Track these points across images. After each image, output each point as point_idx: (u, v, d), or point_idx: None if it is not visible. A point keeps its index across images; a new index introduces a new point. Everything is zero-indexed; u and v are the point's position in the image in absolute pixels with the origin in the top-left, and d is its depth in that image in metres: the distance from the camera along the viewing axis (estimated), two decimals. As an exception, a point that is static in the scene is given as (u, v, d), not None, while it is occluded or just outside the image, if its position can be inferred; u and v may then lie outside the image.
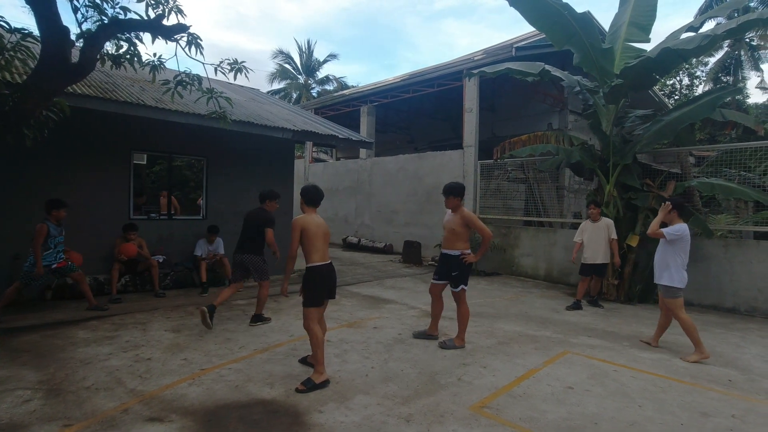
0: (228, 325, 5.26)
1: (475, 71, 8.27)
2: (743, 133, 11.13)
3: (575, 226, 9.08)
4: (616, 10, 7.81)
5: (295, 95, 30.78)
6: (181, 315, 5.63)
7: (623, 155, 7.24)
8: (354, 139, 9.20)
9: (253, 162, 8.35)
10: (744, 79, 21.44)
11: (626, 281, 7.18)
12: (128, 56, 4.27)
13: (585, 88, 7.57)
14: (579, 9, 6.48)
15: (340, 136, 8.75)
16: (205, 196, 7.86)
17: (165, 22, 4.10)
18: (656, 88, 14.69)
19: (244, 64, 4.62)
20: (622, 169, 7.26)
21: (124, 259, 6.39)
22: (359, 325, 5.37)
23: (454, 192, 4.56)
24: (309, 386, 3.48)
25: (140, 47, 4.37)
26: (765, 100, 24.05)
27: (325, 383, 3.55)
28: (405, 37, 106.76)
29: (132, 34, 4.17)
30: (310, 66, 31.46)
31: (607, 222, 6.59)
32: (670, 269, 4.56)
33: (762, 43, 19.74)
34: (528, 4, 6.58)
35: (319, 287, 3.75)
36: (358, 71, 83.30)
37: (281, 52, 31.12)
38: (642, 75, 6.67)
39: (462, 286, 4.58)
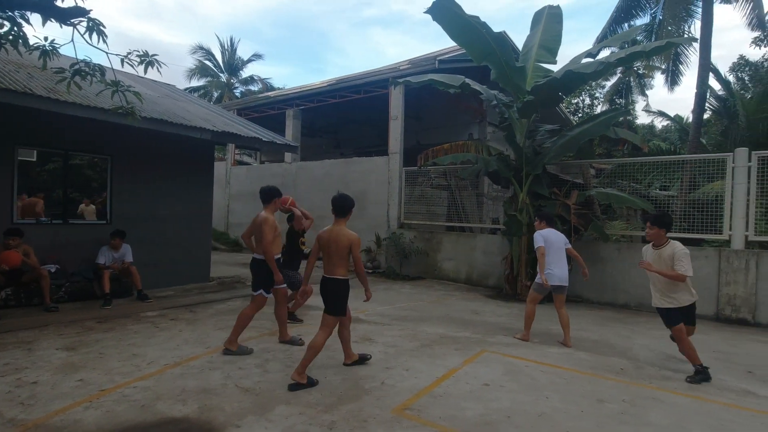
0: (135, 339, 4.80)
1: (400, 80, 8.50)
2: (632, 149, 12.60)
3: (494, 231, 9.61)
4: (528, 32, 8.48)
5: (216, 94, 29.25)
6: (77, 331, 5.04)
7: (534, 166, 7.83)
8: (278, 142, 8.95)
9: (167, 162, 7.77)
10: (633, 102, 24.37)
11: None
12: (11, 37, 3.73)
13: (501, 102, 8.08)
14: (495, 29, 6.90)
15: (264, 139, 8.46)
16: (110, 198, 7.16)
17: (59, 2, 3.66)
18: (562, 105, 16.15)
19: (156, 57, 4.28)
20: (534, 178, 7.85)
21: (5, 269, 5.59)
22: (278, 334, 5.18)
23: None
24: (294, 387, 3.60)
25: (27, 29, 3.83)
26: (649, 121, 27.56)
27: (311, 382, 3.66)
28: (333, 42, 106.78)
29: (16, 13, 3.65)
30: (233, 65, 30.13)
31: (674, 248, 4.22)
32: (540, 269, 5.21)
33: (647, 72, 22.61)
34: (449, 21, 6.89)
35: (322, 296, 3.88)
36: (285, 73, 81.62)
37: (201, 48, 29.41)
38: (549, 93, 7.28)
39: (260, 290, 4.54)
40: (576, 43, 69.35)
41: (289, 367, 4.08)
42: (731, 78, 19.34)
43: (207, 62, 29.72)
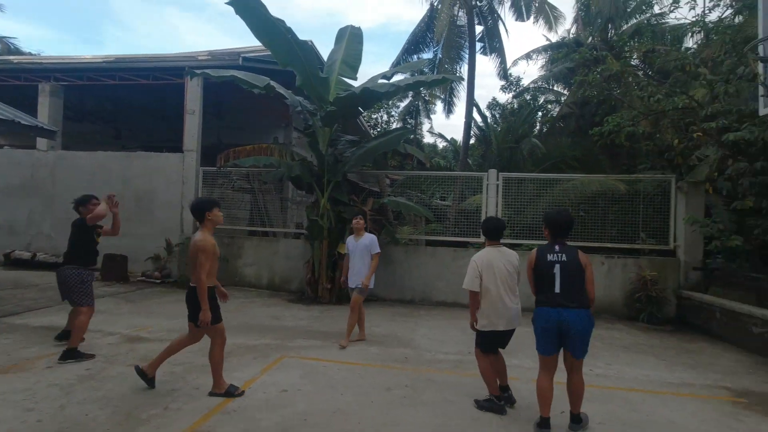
0: None
1: (198, 71, 7.81)
2: (419, 164, 14.56)
3: (297, 236, 9.63)
4: (333, 46, 8.89)
5: None
6: None
7: (335, 173, 8.20)
8: (25, 123, 7.02)
9: None
10: (421, 123, 28.34)
11: (337, 285, 8.07)
12: None
13: (306, 109, 8.21)
14: (302, 36, 7.00)
15: (1, 118, 6.51)
16: None
17: None
18: (363, 119, 17.53)
19: None
20: (335, 185, 8.21)
21: None
22: (23, 368, 4.05)
23: None
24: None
25: None
26: (433, 141, 32.56)
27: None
28: (117, 12, 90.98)
29: None
30: (-49, 11, 22.34)
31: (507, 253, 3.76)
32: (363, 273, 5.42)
33: (431, 100, 26.67)
34: (253, 18, 6.64)
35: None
36: (42, 37, 65.35)
37: None
38: (349, 106, 7.77)
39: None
40: (376, 63, 77.01)
41: (30, 411, 3.20)
42: (488, 113, 24.46)
43: None
